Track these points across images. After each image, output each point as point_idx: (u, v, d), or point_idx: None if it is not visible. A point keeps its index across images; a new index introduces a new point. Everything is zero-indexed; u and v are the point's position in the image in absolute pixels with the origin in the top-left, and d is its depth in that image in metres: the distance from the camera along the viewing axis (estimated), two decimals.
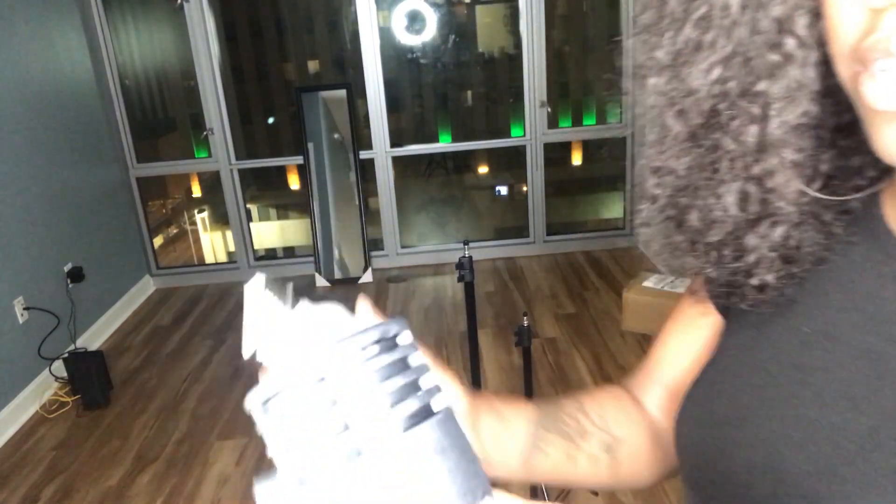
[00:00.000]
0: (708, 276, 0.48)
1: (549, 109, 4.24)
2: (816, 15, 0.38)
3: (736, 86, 0.41)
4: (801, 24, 0.39)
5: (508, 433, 0.53)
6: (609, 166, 4.58)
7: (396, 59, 4.28)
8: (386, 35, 4.14)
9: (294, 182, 4.65)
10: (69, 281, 3.43)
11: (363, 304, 0.39)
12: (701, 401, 0.50)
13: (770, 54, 0.40)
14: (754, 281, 0.45)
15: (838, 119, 0.42)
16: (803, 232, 0.44)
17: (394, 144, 4.24)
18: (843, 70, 0.37)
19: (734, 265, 0.46)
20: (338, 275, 4.27)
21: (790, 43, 0.39)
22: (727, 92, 0.42)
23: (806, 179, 0.42)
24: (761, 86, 0.40)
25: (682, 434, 0.51)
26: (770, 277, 0.45)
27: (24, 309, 3.08)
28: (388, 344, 0.31)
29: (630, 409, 0.61)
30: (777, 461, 0.42)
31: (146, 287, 4.35)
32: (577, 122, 4.41)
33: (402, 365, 0.31)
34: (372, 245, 4.36)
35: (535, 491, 2.10)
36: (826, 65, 0.39)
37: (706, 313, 0.54)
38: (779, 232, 0.43)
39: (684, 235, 0.47)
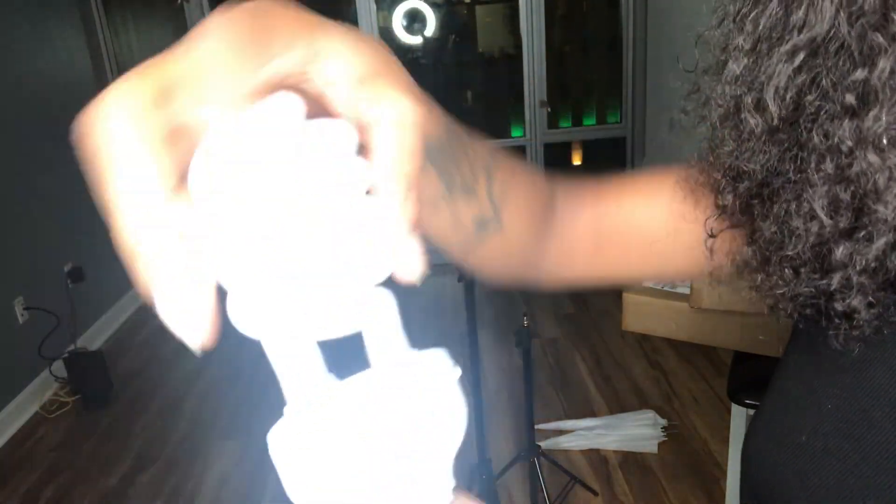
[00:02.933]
0: (781, 299, 0.41)
1: (549, 109, 4.24)
2: None
3: (828, 72, 0.35)
4: None
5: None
6: (609, 166, 4.58)
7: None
8: (386, 35, 4.14)
9: None
10: (69, 281, 3.42)
11: None
12: (779, 424, 0.46)
13: (873, 35, 0.33)
14: (839, 306, 0.38)
15: None
16: None
17: None
18: None
19: (816, 284, 0.38)
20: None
21: None
22: (817, 78, 0.35)
23: None
24: (859, 73, 0.34)
25: (755, 458, 0.48)
26: (862, 304, 0.37)
27: (24, 309, 3.08)
28: None
29: (538, 203, 0.52)
30: None
31: None
32: (577, 122, 4.41)
33: None
34: None
35: (534, 489, 2.10)
36: None
37: (695, 220, 0.48)
38: (877, 246, 0.35)
39: (755, 248, 0.42)
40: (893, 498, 0.38)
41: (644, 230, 0.54)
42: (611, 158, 4.51)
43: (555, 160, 4.46)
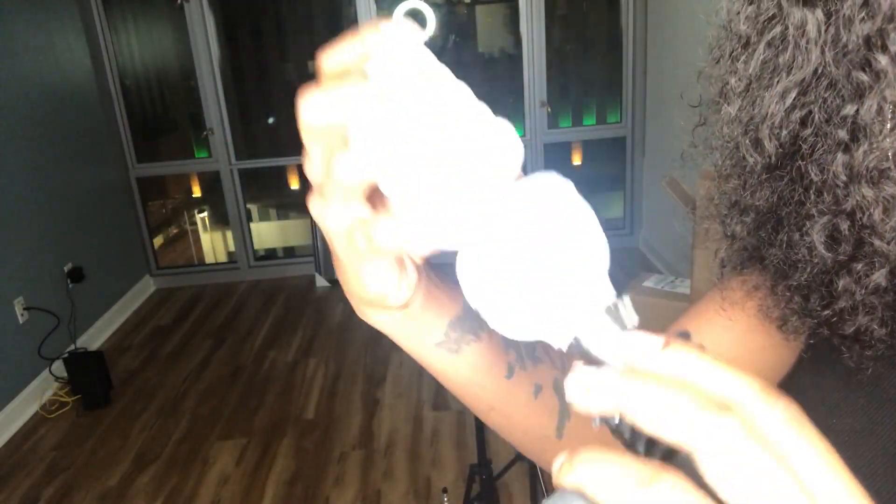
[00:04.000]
0: (793, 321, 0.43)
1: (549, 109, 4.24)
2: None
3: (818, 110, 0.36)
4: None
5: (445, 291, 0.43)
6: (609, 166, 4.58)
7: None
8: None
9: (294, 182, 4.65)
10: (69, 281, 3.43)
11: None
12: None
13: (857, 73, 0.35)
14: (849, 328, 0.39)
15: None
16: None
17: None
18: None
19: (823, 313, 0.39)
20: (338, 275, 4.27)
21: (882, 60, 0.34)
22: (808, 118, 0.37)
23: None
24: (848, 109, 0.35)
25: None
26: (873, 323, 0.38)
27: (24, 309, 3.08)
28: None
29: None
30: None
31: (146, 287, 4.35)
32: (577, 122, 4.41)
33: None
34: None
35: (534, 489, 2.11)
36: None
37: (760, 321, 0.48)
38: (878, 275, 0.37)
39: (765, 276, 0.43)
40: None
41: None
42: (611, 158, 4.51)
43: (555, 160, 4.46)
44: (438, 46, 4.33)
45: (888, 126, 0.34)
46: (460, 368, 0.44)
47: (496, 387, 0.45)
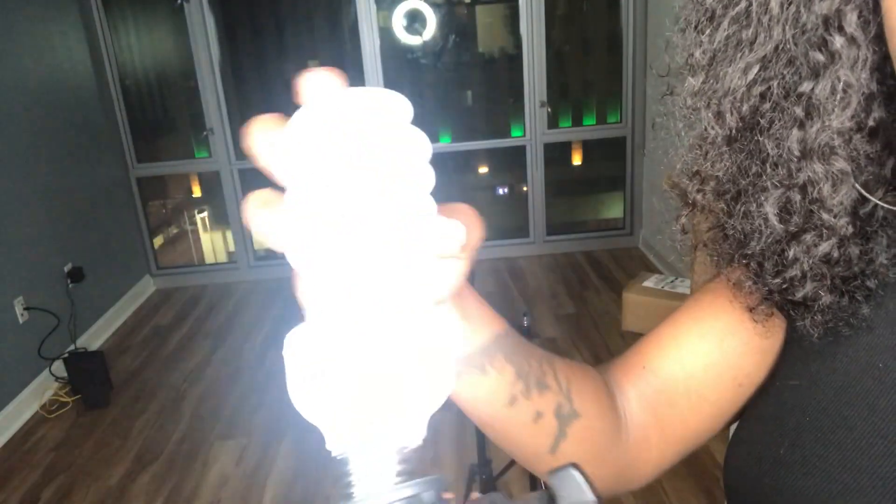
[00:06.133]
0: (749, 288, 0.45)
1: (549, 109, 4.24)
2: (873, 10, 0.34)
3: (777, 86, 0.38)
4: (852, 19, 0.35)
5: (461, 334, 0.43)
6: (609, 166, 4.58)
7: (396, 59, 4.28)
8: (386, 35, 4.14)
9: None
10: (69, 281, 3.43)
11: None
12: (759, 437, 0.47)
13: (814, 53, 0.36)
14: (798, 293, 0.41)
15: None
16: (876, 243, 0.39)
17: None
18: None
19: (774, 280, 0.42)
20: None
21: (838, 41, 0.35)
22: (768, 93, 0.38)
23: (870, 187, 0.38)
24: (805, 87, 0.36)
25: (735, 470, 0.48)
26: (821, 290, 0.40)
27: (25, 309, 3.08)
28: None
29: (601, 392, 0.53)
30: None
31: (146, 287, 4.35)
32: (577, 122, 4.41)
33: None
34: None
35: (534, 489, 2.11)
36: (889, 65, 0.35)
37: (738, 322, 0.49)
38: (825, 246, 0.39)
39: (727, 244, 0.45)
40: (872, 499, 0.38)
41: (692, 370, 0.53)
42: (611, 158, 4.51)
43: (555, 160, 4.46)
44: (439, 46, 4.33)
45: (840, 105, 0.36)
46: (459, 391, 0.44)
47: (494, 411, 0.45)
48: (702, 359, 0.52)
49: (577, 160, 4.65)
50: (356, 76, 4.16)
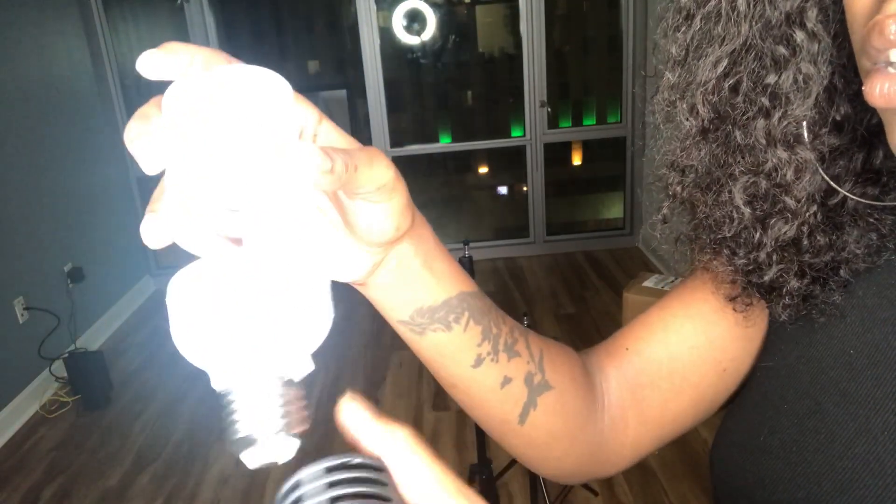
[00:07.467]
0: (725, 274, 0.47)
1: (549, 109, 4.24)
2: (837, 7, 0.37)
3: (746, 79, 0.40)
4: (813, 16, 0.38)
5: (423, 283, 0.41)
6: (609, 166, 4.58)
7: (396, 59, 4.28)
8: (386, 35, 4.14)
9: None
10: (69, 281, 3.43)
11: None
12: (742, 425, 0.48)
13: (778, 47, 0.39)
14: (767, 277, 0.43)
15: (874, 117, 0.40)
16: (847, 234, 0.41)
17: (394, 145, 4.24)
18: (861, 66, 0.34)
19: (741, 261, 0.44)
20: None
21: (799, 35, 0.38)
22: (737, 85, 0.41)
23: (840, 179, 0.40)
24: (770, 79, 0.39)
25: (720, 461, 0.49)
26: (787, 274, 0.42)
27: (24, 309, 3.08)
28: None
29: (577, 368, 0.52)
30: (821, 501, 0.40)
31: (146, 287, 4.35)
32: (577, 122, 4.41)
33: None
34: None
35: (534, 489, 2.10)
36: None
37: (723, 308, 0.50)
38: (789, 230, 0.41)
39: (703, 231, 0.46)
40: (847, 479, 0.39)
41: (676, 352, 0.53)
42: (611, 158, 4.51)
43: (555, 160, 4.46)
44: (438, 46, 4.33)
45: (801, 95, 0.39)
46: (422, 349, 0.44)
47: (460, 371, 0.45)
48: (687, 341, 0.53)
49: (577, 160, 4.65)
50: (356, 76, 4.16)
